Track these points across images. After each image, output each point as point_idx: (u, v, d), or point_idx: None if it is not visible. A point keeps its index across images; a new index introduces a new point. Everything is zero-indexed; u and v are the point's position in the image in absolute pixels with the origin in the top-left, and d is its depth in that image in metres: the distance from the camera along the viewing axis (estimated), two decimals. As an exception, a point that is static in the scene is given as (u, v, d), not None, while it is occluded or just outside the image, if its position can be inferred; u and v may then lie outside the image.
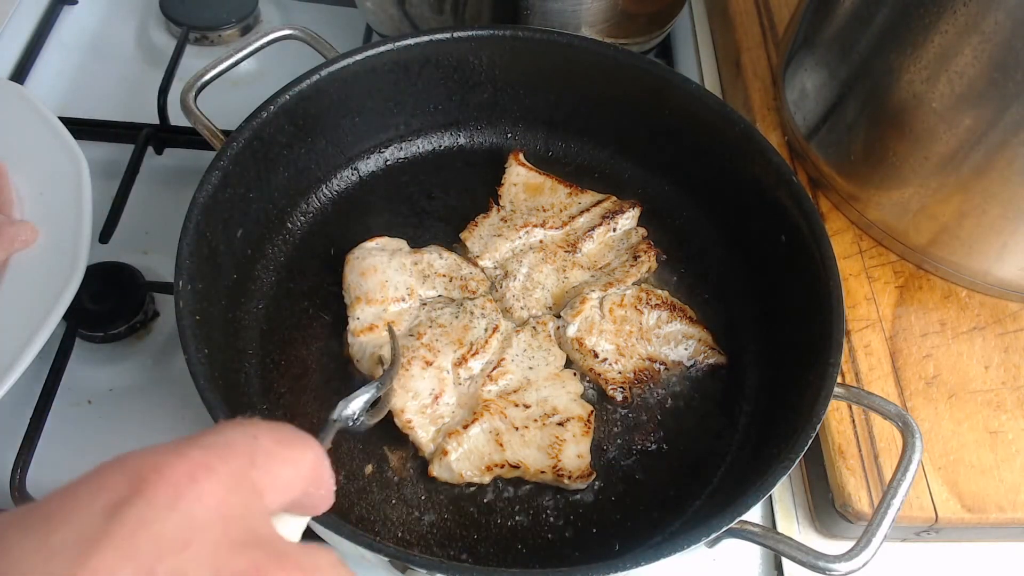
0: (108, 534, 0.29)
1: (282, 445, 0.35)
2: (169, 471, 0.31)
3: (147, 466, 0.31)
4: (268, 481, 0.34)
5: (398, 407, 0.75)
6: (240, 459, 0.33)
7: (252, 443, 0.34)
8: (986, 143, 0.77)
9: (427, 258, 0.85)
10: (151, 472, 0.31)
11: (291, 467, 0.35)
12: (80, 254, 0.77)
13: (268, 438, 0.35)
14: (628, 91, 0.91)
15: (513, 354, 0.80)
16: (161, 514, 0.30)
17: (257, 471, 0.33)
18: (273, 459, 0.34)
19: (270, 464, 0.34)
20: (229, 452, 0.32)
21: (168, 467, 0.31)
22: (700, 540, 0.61)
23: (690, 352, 0.84)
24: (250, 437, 0.34)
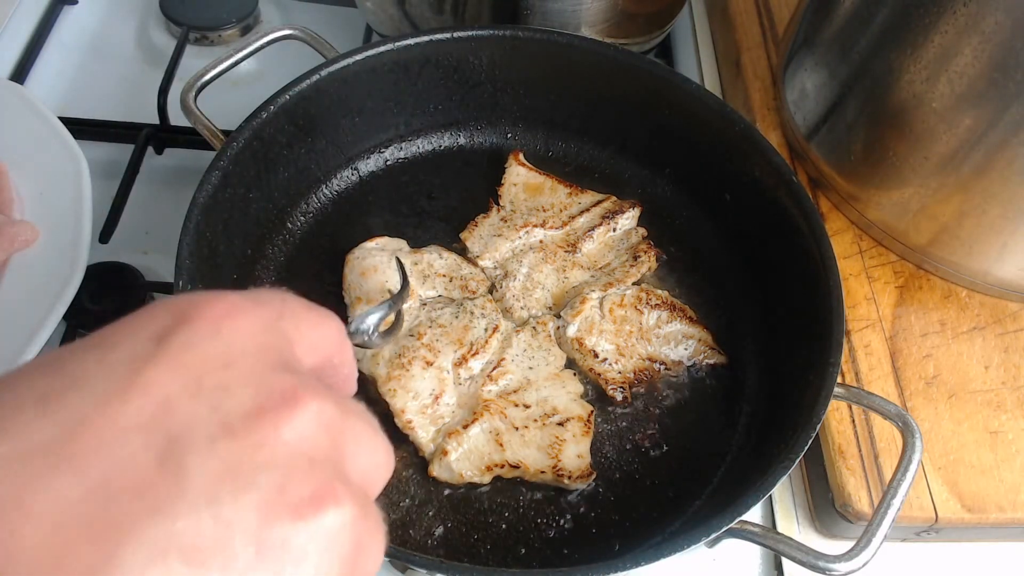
0: (158, 354, 0.32)
1: (309, 310, 0.38)
2: (209, 308, 0.34)
3: (189, 303, 0.34)
4: (297, 335, 0.36)
5: (398, 407, 0.75)
6: (271, 310, 0.35)
7: (281, 302, 0.37)
8: (986, 143, 0.77)
9: (427, 258, 0.85)
10: (192, 308, 0.34)
11: (317, 330, 0.38)
12: (80, 254, 0.77)
13: (296, 302, 0.37)
14: (628, 91, 0.91)
15: (513, 354, 0.80)
16: (204, 340, 0.33)
17: (286, 323, 0.36)
18: (301, 319, 0.37)
19: (298, 321, 0.36)
20: (261, 304, 0.35)
21: (208, 305, 0.34)
22: (700, 540, 0.61)
23: (690, 352, 0.84)
24: (279, 298, 0.37)
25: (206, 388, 0.32)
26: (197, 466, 0.30)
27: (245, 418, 0.31)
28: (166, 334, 0.33)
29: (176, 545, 0.29)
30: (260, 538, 0.30)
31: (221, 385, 0.32)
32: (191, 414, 0.31)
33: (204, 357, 0.32)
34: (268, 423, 0.32)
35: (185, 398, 0.31)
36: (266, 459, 0.31)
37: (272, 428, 0.32)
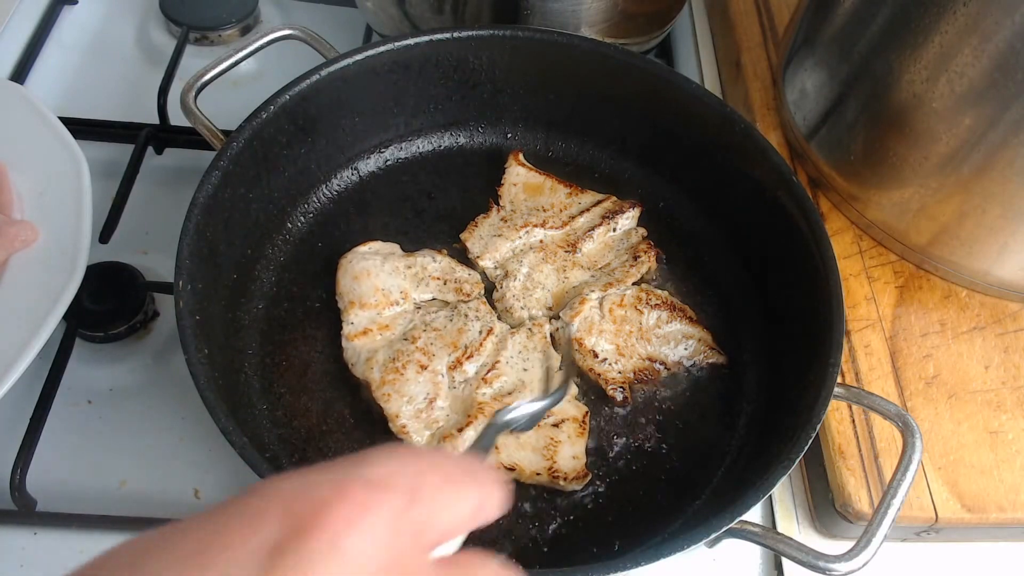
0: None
1: (449, 483, 0.33)
2: (329, 514, 0.29)
3: (306, 506, 0.29)
4: (429, 522, 0.32)
5: (392, 411, 0.75)
6: (401, 498, 0.31)
7: (416, 480, 0.32)
8: (986, 143, 0.77)
9: (420, 261, 0.85)
10: (310, 515, 0.29)
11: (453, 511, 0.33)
12: (80, 254, 0.77)
13: (434, 475, 0.32)
14: (628, 91, 0.91)
15: (507, 356, 0.80)
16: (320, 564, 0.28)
17: (418, 510, 0.31)
18: (436, 501, 0.32)
19: (433, 506, 0.32)
20: (391, 491, 0.30)
21: (328, 509, 0.29)
22: (700, 540, 0.61)
23: (690, 352, 0.84)
24: (412, 474, 0.32)
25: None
26: None
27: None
28: (277, 551, 0.28)
29: None
30: None
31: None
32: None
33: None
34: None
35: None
36: None
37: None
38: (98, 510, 0.74)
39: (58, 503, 0.75)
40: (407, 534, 0.30)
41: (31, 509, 0.74)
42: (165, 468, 0.79)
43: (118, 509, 0.74)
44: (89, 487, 0.77)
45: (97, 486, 0.77)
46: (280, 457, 0.75)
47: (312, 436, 0.77)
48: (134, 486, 0.78)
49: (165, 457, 0.79)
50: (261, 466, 0.61)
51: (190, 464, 0.79)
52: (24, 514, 0.74)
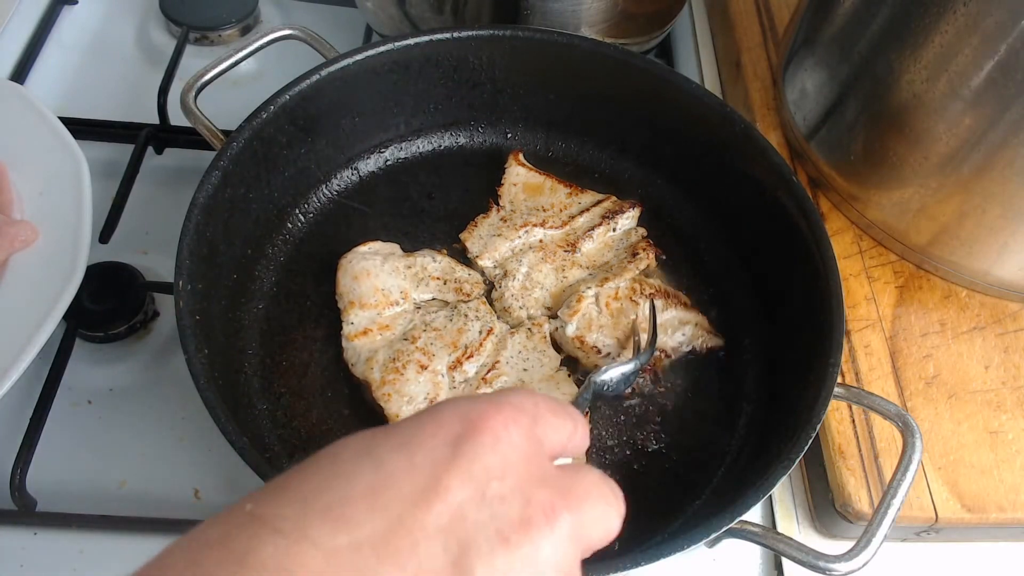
0: (454, 461, 0.39)
1: (554, 413, 0.45)
2: (491, 419, 0.41)
3: (475, 415, 0.41)
4: (547, 438, 0.44)
5: (393, 412, 0.75)
6: (529, 418, 0.42)
7: (535, 408, 0.43)
8: (986, 143, 0.77)
9: (420, 261, 0.85)
10: (478, 419, 0.40)
11: (560, 432, 0.45)
12: (80, 254, 0.77)
13: (545, 406, 0.44)
14: (628, 91, 0.91)
15: (508, 356, 0.80)
16: (488, 451, 0.40)
17: (539, 428, 0.43)
18: (548, 423, 0.44)
19: (546, 426, 0.44)
20: (523, 412, 0.42)
21: (490, 416, 0.41)
22: (700, 540, 0.61)
23: (688, 337, 0.84)
24: (532, 404, 0.44)
25: (488, 497, 0.39)
26: (480, 572, 0.37)
27: (516, 529, 0.38)
28: (459, 441, 0.40)
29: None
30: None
31: (499, 496, 0.39)
32: (476, 522, 0.38)
33: (487, 468, 0.39)
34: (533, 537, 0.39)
35: (472, 506, 0.38)
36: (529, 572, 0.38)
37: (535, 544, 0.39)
38: (98, 510, 0.74)
39: (58, 503, 0.75)
40: (535, 441, 0.42)
41: (31, 509, 0.74)
42: (165, 468, 0.79)
43: (118, 509, 0.74)
44: (89, 487, 0.77)
45: (97, 486, 0.77)
46: (280, 457, 0.75)
47: (312, 436, 0.77)
48: (134, 486, 0.78)
49: (165, 457, 0.79)
50: (261, 466, 0.61)
51: (190, 464, 0.79)
52: (24, 514, 0.74)
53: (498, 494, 0.39)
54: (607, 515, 0.44)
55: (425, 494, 0.37)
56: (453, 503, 0.38)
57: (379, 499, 0.37)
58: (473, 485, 0.38)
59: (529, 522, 0.39)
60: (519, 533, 0.38)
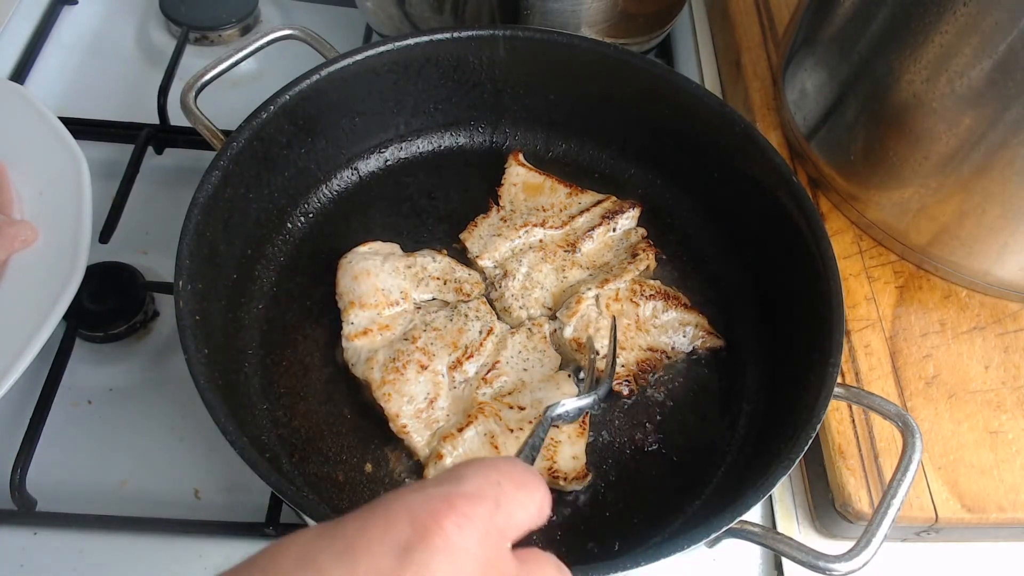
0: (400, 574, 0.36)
1: (520, 489, 0.42)
2: (443, 520, 0.38)
3: (426, 515, 0.38)
4: (509, 524, 0.41)
5: (393, 411, 0.75)
6: (488, 506, 0.40)
7: (497, 490, 0.41)
8: (986, 143, 0.77)
9: (420, 261, 0.85)
10: (429, 520, 0.38)
11: (526, 511, 0.42)
12: (80, 254, 0.77)
13: (509, 484, 0.41)
14: (628, 91, 0.91)
15: (508, 356, 0.80)
16: (437, 559, 0.37)
17: (501, 515, 0.40)
18: (514, 502, 0.41)
19: (511, 506, 0.41)
20: (480, 501, 0.39)
21: (441, 516, 0.38)
22: (700, 540, 0.61)
23: (689, 338, 0.84)
24: (493, 484, 0.41)
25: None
26: None
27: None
28: (407, 548, 0.37)
29: None
30: None
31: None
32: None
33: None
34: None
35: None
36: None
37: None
38: (98, 510, 0.74)
39: (58, 503, 0.75)
40: (495, 533, 0.40)
41: (31, 509, 0.74)
42: (165, 468, 0.79)
43: (118, 509, 0.74)
44: (89, 487, 0.77)
45: (97, 486, 0.77)
46: (280, 457, 0.75)
47: (312, 436, 0.77)
48: (134, 486, 0.78)
49: (165, 457, 0.80)
50: (261, 466, 0.61)
51: (190, 464, 0.79)
52: (24, 514, 0.74)
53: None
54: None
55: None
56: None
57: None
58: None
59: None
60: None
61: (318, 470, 0.75)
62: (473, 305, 0.82)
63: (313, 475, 0.74)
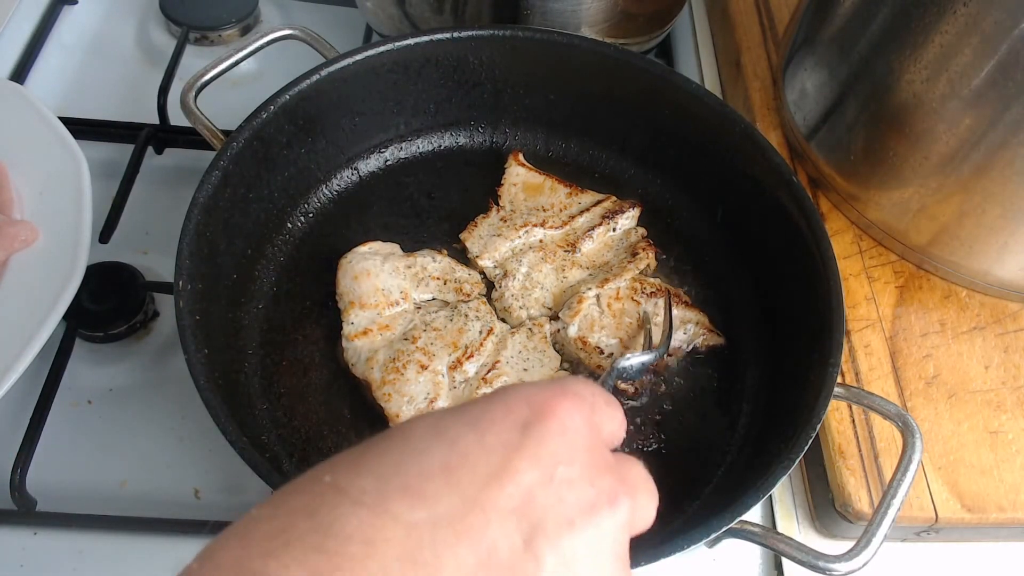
0: (523, 444, 0.40)
1: (607, 403, 0.47)
2: (557, 406, 0.42)
3: (542, 401, 0.42)
4: (603, 426, 0.46)
5: (393, 411, 0.75)
6: (589, 406, 0.44)
7: (593, 398, 0.45)
8: (986, 143, 0.77)
9: (420, 261, 0.85)
10: (545, 404, 0.42)
11: (612, 421, 0.47)
12: (80, 254, 0.77)
13: (600, 397, 0.46)
14: (628, 91, 0.91)
15: (508, 356, 0.80)
16: (554, 437, 0.41)
17: (598, 416, 0.45)
18: (604, 412, 0.46)
19: (602, 416, 0.46)
20: (583, 401, 0.44)
21: (556, 403, 0.42)
22: (700, 540, 0.61)
23: (690, 336, 0.84)
24: (591, 393, 0.45)
25: (556, 481, 0.40)
26: (550, 554, 0.38)
27: (582, 513, 0.40)
28: (527, 426, 0.41)
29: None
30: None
31: (566, 480, 0.40)
32: (544, 504, 0.39)
33: (554, 453, 0.41)
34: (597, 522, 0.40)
35: (541, 488, 0.39)
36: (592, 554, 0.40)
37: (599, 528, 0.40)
38: (98, 510, 0.74)
39: (58, 503, 0.75)
40: (595, 428, 0.44)
41: (31, 509, 0.74)
42: (165, 468, 0.79)
43: (118, 509, 0.74)
44: (89, 487, 0.77)
45: (97, 486, 0.77)
46: (280, 457, 0.75)
47: (312, 436, 0.77)
48: (134, 486, 0.78)
49: (165, 457, 0.79)
50: (261, 466, 0.61)
51: (190, 464, 0.79)
52: (24, 514, 0.74)
53: (565, 478, 0.40)
54: (650, 506, 0.46)
55: (498, 475, 0.39)
56: (523, 485, 0.39)
57: (453, 477, 0.38)
58: (541, 469, 0.40)
59: (594, 507, 0.41)
60: (584, 517, 0.40)
61: (318, 470, 0.75)
62: (473, 305, 0.82)
63: (313, 475, 0.74)
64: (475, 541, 0.37)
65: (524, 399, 0.43)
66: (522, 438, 0.40)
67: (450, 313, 0.82)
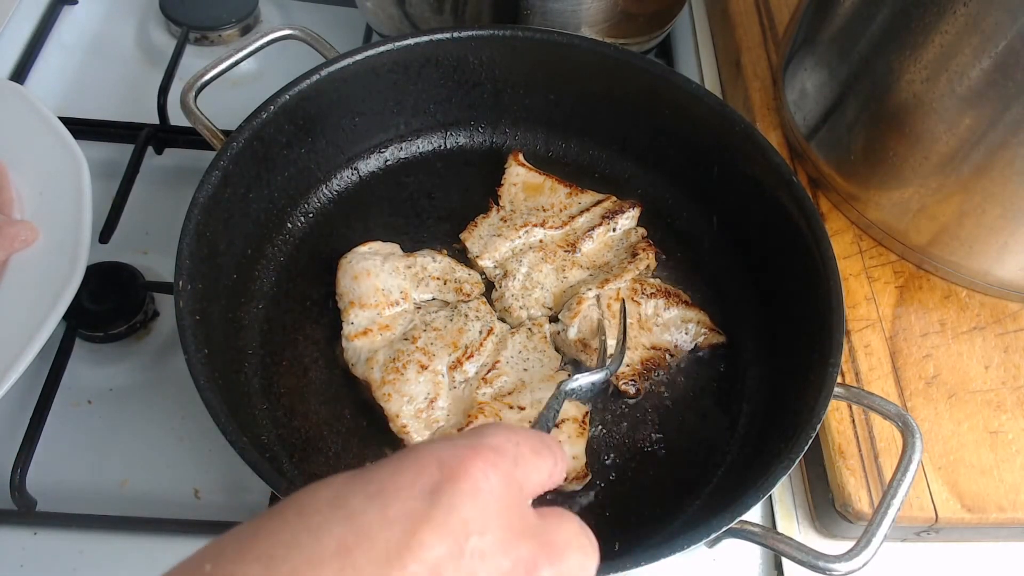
0: (430, 513, 0.37)
1: (535, 452, 0.43)
2: (470, 465, 0.39)
3: (455, 461, 0.39)
4: (526, 479, 0.43)
5: (393, 411, 0.75)
6: (510, 461, 0.41)
7: (516, 449, 0.42)
8: (986, 143, 0.77)
9: (420, 261, 0.85)
10: (458, 467, 0.39)
11: (541, 471, 0.44)
12: (80, 254, 0.77)
13: (526, 446, 0.43)
14: (628, 91, 0.91)
15: (508, 356, 0.80)
16: (466, 501, 0.38)
17: (519, 471, 0.42)
18: (529, 464, 0.43)
19: (527, 468, 0.43)
20: (503, 455, 0.41)
21: (469, 462, 0.39)
22: (700, 540, 0.61)
23: (691, 335, 0.84)
24: (513, 444, 0.42)
25: (467, 553, 0.37)
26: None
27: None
28: (435, 491, 0.38)
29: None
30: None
31: (479, 552, 0.37)
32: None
33: (466, 520, 0.38)
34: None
35: (451, 563, 0.37)
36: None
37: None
38: (98, 510, 0.74)
39: (58, 503, 0.75)
40: (515, 486, 0.41)
41: (31, 509, 0.74)
42: (165, 468, 0.79)
43: (118, 509, 0.74)
44: (89, 487, 0.77)
45: (97, 486, 0.77)
46: (280, 457, 0.75)
47: (312, 436, 0.77)
48: (135, 486, 0.78)
49: (165, 457, 0.79)
50: (261, 466, 0.61)
51: (190, 464, 0.79)
52: (24, 514, 0.74)
53: (478, 549, 0.37)
54: (584, 567, 0.43)
55: (399, 553, 0.36)
56: (429, 560, 0.36)
57: (349, 559, 0.35)
58: (451, 540, 0.37)
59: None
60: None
61: (318, 470, 0.75)
62: (473, 305, 0.82)
63: (313, 475, 0.74)
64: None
65: (434, 459, 0.39)
66: (429, 507, 0.37)
67: (450, 313, 0.82)
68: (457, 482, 0.38)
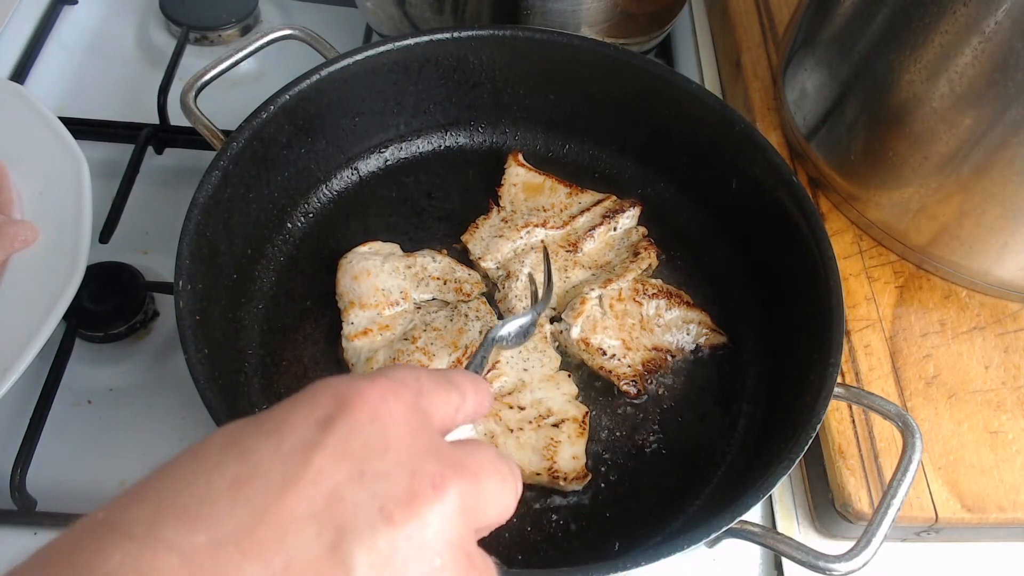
0: (324, 441, 0.36)
1: (438, 386, 0.43)
2: (366, 393, 0.38)
3: (350, 391, 0.38)
4: (433, 410, 0.42)
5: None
6: (411, 392, 0.40)
7: (417, 383, 0.42)
8: (986, 143, 0.77)
9: (420, 261, 0.85)
10: (353, 394, 0.38)
11: (447, 404, 0.43)
12: (80, 254, 0.77)
13: (428, 380, 0.43)
14: (628, 91, 0.91)
15: (508, 356, 0.80)
16: (365, 427, 0.37)
17: (424, 401, 0.41)
18: (434, 396, 0.42)
19: (432, 399, 0.42)
20: (403, 386, 0.40)
21: (365, 390, 0.38)
22: (700, 540, 0.61)
23: (692, 336, 0.84)
24: (414, 378, 0.42)
25: (367, 475, 0.36)
26: (361, 556, 0.34)
27: (401, 505, 0.36)
28: (330, 420, 0.37)
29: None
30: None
31: (380, 472, 0.36)
32: (355, 502, 0.35)
33: (365, 444, 0.37)
34: (419, 512, 0.36)
35: (349, 486, 0.35)
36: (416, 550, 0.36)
37: (421, 519, 0.36)
38: (98, 510, 0.74)
39: (58, 503, 0.75)
40: (420, 414, 0.40)
41: (31, 509, 0.74)
42: (165, 468, 0.79)
43: (118, 509, 0.74)
44: (89, 487, 0.77)
45: (97, 486, 0.77)
46: (280, 457, 0.75)
47: (312, 436, 0.76)
48: (134, 486, 0.78)
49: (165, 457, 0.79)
50: (261, 466, 0.61)
51: (190, 464, 0.79)
52: (24, 514, 0.74)
53: (379, 470, 0.36)
54: (502, 492, 0.41)
55: (294, 479, 0.35)
56: (326, 486, 0.35)
57: (243, 491, 0.34)
58: (350, 463, 0.36)
59: (414, 496, 0.36)
60: (403, 509, 0.36)
61: (318, 470, 0.75)
62: (473, 305, 0.82)
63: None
64: (264, 557, 0.33)
65: (331, 392, 0.39)
66: (324, 435, 0.36)
67: (450, 313, 0.82)
68: (353, 410, 0.38)
